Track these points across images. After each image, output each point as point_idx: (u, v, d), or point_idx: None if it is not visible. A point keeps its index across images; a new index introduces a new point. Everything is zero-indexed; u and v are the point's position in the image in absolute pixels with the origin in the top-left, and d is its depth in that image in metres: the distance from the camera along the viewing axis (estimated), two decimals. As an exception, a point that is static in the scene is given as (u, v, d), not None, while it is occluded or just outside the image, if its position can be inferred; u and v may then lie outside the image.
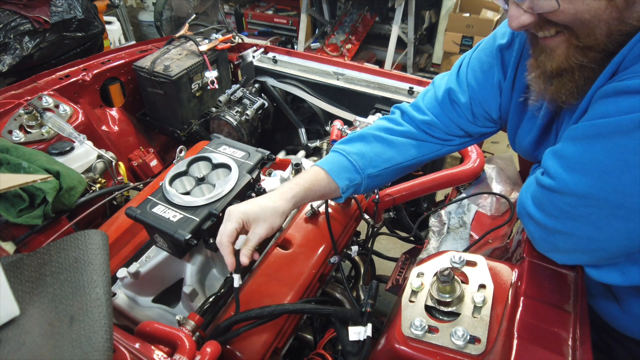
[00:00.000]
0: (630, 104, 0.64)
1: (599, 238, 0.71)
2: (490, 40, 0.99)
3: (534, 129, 0.93)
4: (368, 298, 0.96)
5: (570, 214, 0.72)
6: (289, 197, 0.96)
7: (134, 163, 1.95)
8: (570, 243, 0.75)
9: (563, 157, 0.73)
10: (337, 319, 1.00)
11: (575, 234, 0.73)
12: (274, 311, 0.94)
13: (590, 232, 0.71)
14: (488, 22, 4.09)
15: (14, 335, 0.68)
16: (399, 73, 1.87)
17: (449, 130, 1.06)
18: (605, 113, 0.67)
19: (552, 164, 0.75)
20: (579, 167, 0.70)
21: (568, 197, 0.71)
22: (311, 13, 4.68)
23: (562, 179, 0.72)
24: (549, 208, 0.75)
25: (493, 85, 0.97)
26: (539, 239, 0.81)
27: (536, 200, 0.78)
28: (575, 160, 0.71)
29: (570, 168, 0.71)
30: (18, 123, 1.52)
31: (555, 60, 0.74)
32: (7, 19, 2.17)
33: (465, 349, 0.71)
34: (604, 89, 0.69)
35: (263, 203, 0.93)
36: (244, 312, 0.94)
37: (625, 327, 0.91)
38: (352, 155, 1.03)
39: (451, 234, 1.41)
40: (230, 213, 0.91)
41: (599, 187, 0.67)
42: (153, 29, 4.21)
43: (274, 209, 0.92)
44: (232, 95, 1.92)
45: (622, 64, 0.68)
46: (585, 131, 0.70)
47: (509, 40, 0.94)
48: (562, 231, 0.75)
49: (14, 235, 1.32)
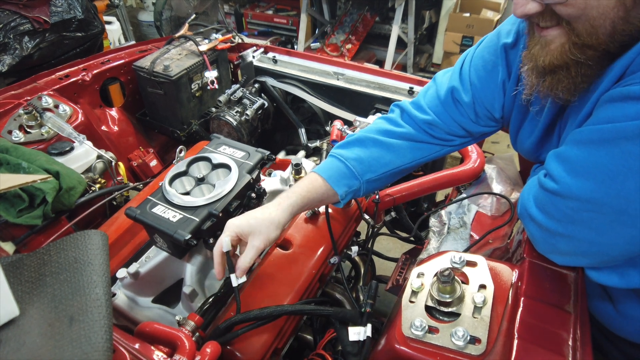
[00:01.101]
0: (636, 109, 0.63)
1: (600, 242, 0.70)
2: (494, 38, 0.98)
3: (536, 129, 0.92)
4: (367, 298, 0.96)
5: (572, 217, 0.72)
6: (286, 207, 0.96)
7: (134, 163, 1.95)
8: (572, 246, 0.75)
9: (567, 160, 0.73)
10: (336, 319, 1.00)
11: (577, 238, 0.73)
12: (273, 312, 0.94)
13: (592, 236, 0.71)
14: (488, 22, 4.09)
15: (13, 336, 0.68)
16: (399, 73, 1.87)
17: (450, 130, 1.05)
18: (611, 118, 0.67)
19: (556, 167, 0.74)
20: (583, 172, 0.69)
21: (571, 201, 0.71)
22: (311, 13, 4.68)
23: (565, 183, 0.71)
24: (551, 211, 0.75)
25: (497, 85, 0.96)
26: (539, 240, 0.81)
27: (538, 202, 0.78)
28: (579, 165, 0.70)
29: (574, 172, 0.71)
30: (18, 123, 1.52)
31: (549, 55, 0.72)
32: (6, 19, 2.17)
33: (465, 349, 0.71)
34: (610, 93, 0.68)
35: (259, 215, 0.94)
36: (244, 313, 0.94)
37: (619, 329, 0.90)
38: (350, 161, 1.03)
39: (451, 234, 1.41)
40: (228, 226, 0.93)
41: (602, 192, 0.67)
42: (153, 29, 4.21)
43: (270, 221, 0.93)
44: (232, 95, 1.92)
45: (629, 68, 0.67)
46: (590, 135, 0.69)
47: (514, 40, 0.92)
48: (563, 234, 0.74)
49: (13, 235, 1.32)
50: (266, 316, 0.94)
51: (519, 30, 0.92)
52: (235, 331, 0.95)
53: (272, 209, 0.95)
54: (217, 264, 0.93)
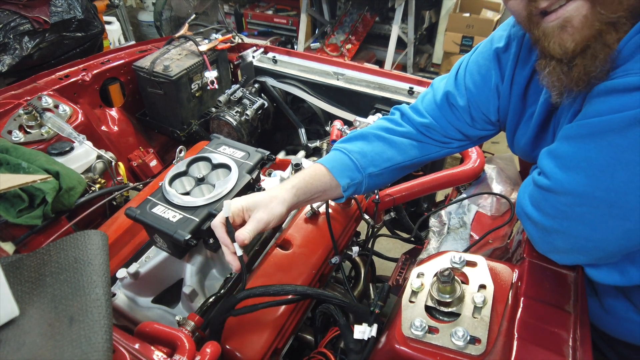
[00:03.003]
0: (621, 102, 0.64)
1: (595, 237, 0.71)
2: (487, 44, 1.00)
3: (529, 129, 0.93)
4: (378, 299, 0.96)
5: (566, 213, 0.72)
6: (289, 187, 0.95)
7: (134, 163, 1.95)
8: (568, 243, 0.75)
9: (558, 156, 0.73)
10: (350, 312, 1.00)
11: (572, 234, 0.73)
12: (294, 290, 0.92)
13: (587, 231, 0.71)
14: (488, 22, 4.10)
15: (13, 336, 0.68)
16: (399, 73, 1.87)
17: (446, 133, 1.07)
18: (598, 112, 0.67)
19: (547, 164, 0.75)
20: (572, 166, 0.70)
21: (563, 196, 0.71)
22: (311, 13, 4.68)
23: (557, 178, 0.72)
24: (546, 207, 0.75)
25: (491, 89, 0.98)
26: (537, 240, 0.81)
27: (533, 200, 0.78)
28: (569, 159, 0.71)
29: (565, 167, 0.71)
30: (18, 123, 1.52)
31: (577, 31, 0.66)
32: (6, 19, 2.17)
33: (465, 349, 0.71)
34: (597, 88, 0.69)
35: (263, 193, 0.94)
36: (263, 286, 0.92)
37: (609, 328, 0.91)
38: (354, 154, 1.03)
39: (451, 234, 1.41)
40: (229, 203, 0.91)
41: (593, 186, 0.67)
42: (153, 29, 4.21)
43: (273, 196, 0.92)
44: (232, 95, 1.92)
45: (616, 62, 0.67)
46: (578, 130, 0.70)
47: (505, 44, 0.94)
48: (559, 230, 0.75)
49: (13, 235, 1.32)
50: (286, 293, 0.92)
51: (510, 35, 0.94)
52: (255, 305, 0.93)
53: (275, 189, 0.95)
54: (221, 234, 0.89)
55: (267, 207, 0.90)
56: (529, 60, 0.90)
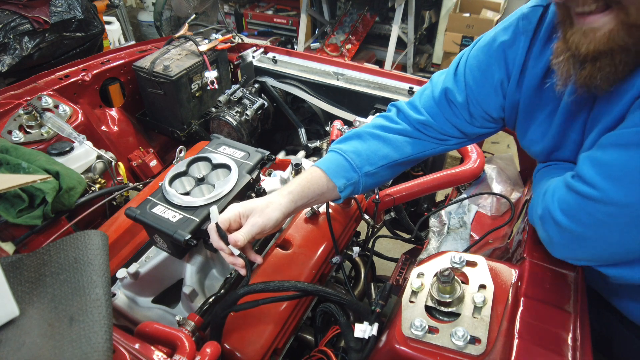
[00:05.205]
0: None
1: (632, 248, 0.69)
2: (489, 38, 0.96)
3: (552, 128, 0.89)
4: (380, 299, 0.96)
5: (604, 222, 0.69)
6: (285, 193, 0.96)
7: (134, 163, 1.95)
8: (598, 249, 0.73)
9: (603, 164, 0.70)
10: (351, 310, 0.99)
11: (608, 242, 0.71)
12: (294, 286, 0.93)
13: (624, 239, 0.69)
14: (488, 22, 4.09)
15: (13, 336, 0.68)
16: (399, 73, 1.87)
17: (443, 131, 1.05)
18: None
19: (588, 171, 0.71)
20: (620, 176, 0.67)
21: (606, 206, 0.68)
22: (311, 13, 4.68)
23: (601, 188, 0.69)
24: (581, 215, 0.72)
25: (493, 85, 0.95)
26: (559, 245, 0.78)
27: (565, 206, 0.75)
28: (616, 168, 0.68)
29: (611, 177, 0.68)
30: (18, 123, 1.52)
31: (594, 41, 0.66)
32: (6, 19, 2.17)
33: (465, 349, 0.71)
34: None
35: (260, 199, 0.94)
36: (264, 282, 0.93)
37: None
38: (349, 154, 1.03)
39: (451, 234, 1.41)
40: (215, 209, 0.92)
41: None
42: (153, 29, 4.21)
43: (270, 202, 0.93)
44: (232, 95, 1.92)
45: None
46: (628, 138, 0.67)
47: (511, 38, 0.91)
48: (591, 238, 0.72)
49: (13, 235, 1.32)
50: (286, 289, 0.92)
51: (519, 28, 0.90)
52: (256, 300, 0.94)
53: (272, 195, 0.96)
54: (214, 240, 0.91)
55: (262, 212, 0.91)
56: (544, 55, 0.86)
